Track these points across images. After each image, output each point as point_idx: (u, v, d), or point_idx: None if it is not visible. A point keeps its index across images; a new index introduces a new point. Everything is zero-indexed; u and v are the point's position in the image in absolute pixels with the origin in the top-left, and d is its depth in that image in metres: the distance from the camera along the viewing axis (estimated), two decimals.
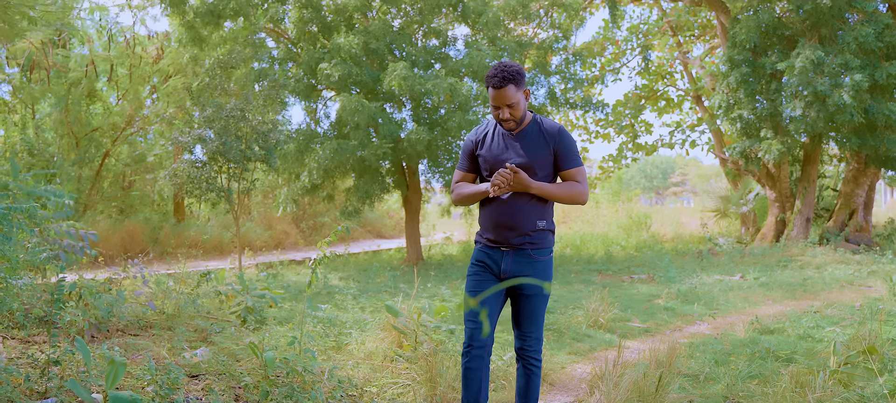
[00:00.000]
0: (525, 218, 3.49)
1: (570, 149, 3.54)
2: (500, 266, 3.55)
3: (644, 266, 13.57)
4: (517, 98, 3.45)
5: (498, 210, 3.54)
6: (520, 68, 3.46)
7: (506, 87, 3.42)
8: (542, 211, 3.53)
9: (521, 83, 3.46)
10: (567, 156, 3.54)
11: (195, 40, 14.22)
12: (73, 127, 16.33)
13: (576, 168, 3.55)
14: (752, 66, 15.64)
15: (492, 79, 3.43)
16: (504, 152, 3.56)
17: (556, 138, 3.54)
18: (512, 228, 3.50)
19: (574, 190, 3.53)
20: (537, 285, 3.52)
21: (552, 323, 7.32)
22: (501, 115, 3.49)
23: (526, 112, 3.56)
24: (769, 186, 17.43)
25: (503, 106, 3.47)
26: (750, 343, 6.36)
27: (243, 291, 6.73)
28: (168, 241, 16.40)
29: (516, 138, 3.57)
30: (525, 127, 3.58)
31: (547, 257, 3.57)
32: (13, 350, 4.66)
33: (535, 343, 3.62)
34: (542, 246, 3.54)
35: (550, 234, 3.60)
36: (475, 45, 14.44)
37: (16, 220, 3.94)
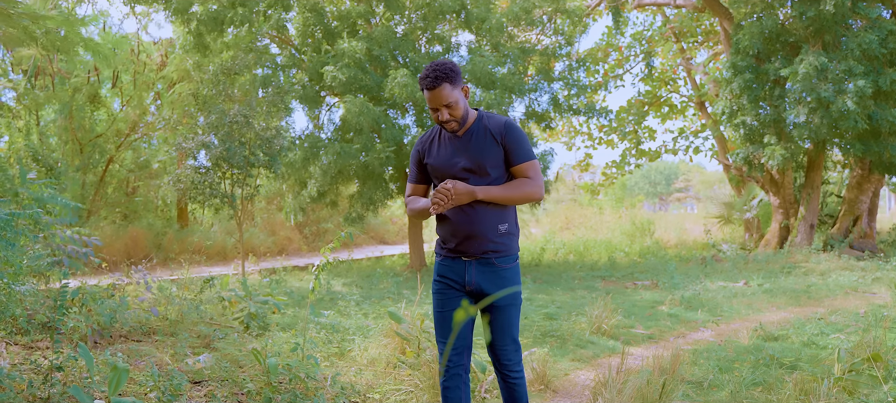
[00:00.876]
0: (485, 224, 3.28)
1: (520, 142, 3.31)
2: (464, 277, 3.34)
3: (647, 272, 13.55)
4: (454, 97, 3.24)
5: (456, 217, 3.32)
6: (453, 65, 3.27)
7: (440, 87, 3.21)
8: (502, 213, 3.32)
9: (457, 80, 3.26)
10: (516, 150, 3.30)
11: (199, 47, 14.26)
12: (77, 133, 16.37)
13: (526, 162, 3.31)
14: (755, 73, 15.63)
15: (424, 80, 3.24)
16: (452, 157, 3.35)
17: (504, 132, 3.31)
18: (472, 236, 3.28)
19: (525, 187, 3.30)
20: (507, 296, 3.31)
21: (555, 329, 7.31)
22: (440, 117, 3.28)
23: (467, 111, 3.34)
24: (773, 192, 17.40)
25: (440, 107, 3.25)
26: (754, 349, 6.34)
27: (246, 297, 6.73)
28: (171, 247, 16.42)
29: (463, 140, 3.36)
30: (470, 126, 3.37)
31: (513, 264, 3.36)
32: (16, 356, 4.66)
33: (511, 353, 3.39)
34: (506, 252, 3.33)
35: (514, 238, 3.39)
36: (478, 51, 14.44)
37: (20, 226, 3.95)
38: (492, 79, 13.68)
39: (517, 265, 3.40)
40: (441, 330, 3.43)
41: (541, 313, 8.51)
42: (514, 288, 3.33)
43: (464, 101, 3.30)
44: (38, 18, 5.46)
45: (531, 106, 15.42)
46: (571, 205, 29.90)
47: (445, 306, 3.41)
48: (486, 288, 3.30)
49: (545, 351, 5.60)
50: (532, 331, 7.19)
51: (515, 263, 3.38)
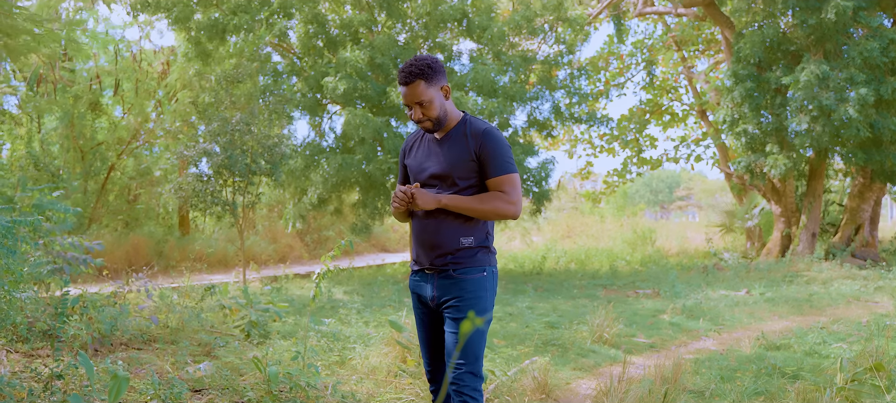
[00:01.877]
0: (446, 236, 3.06)
1: (496, 152, 3.04)
2: (427, 293, 3.15)
3: (649, 281, 13.54)
4: (430, 95, 3.03)
5: (418, 228, 3.14)
6: (433, 61, 3.07)
7: (414, 83, 3.02)
8: (466, 227, 3.07)
9: (434, 78, 3.05)
10: (491, 161, 3.04)
11: (201, 55, 14.30)
12: (79, 140, 16.38)
13: (502, 175, 3.04)
14: (756, 81, 15.63)
15: (400, 74, 3.06)
16: (425, 160, 3.18)
17: (480, 140, 3.06)
18: (433, 247, 3.08)
19: (496, 202, 3.02)
20: (464, 305, 3.02)
21: (556, 338, 7.29)
22: (414, 115, 3.08)
23: (446, 112, 3.11)
24: (775, 201, 17.38)
25: (413, 104, 3.06)
26: (756, 359, 6.32)
27: (247, 305, 6.72)
28: (173, 255, 16.42)
29: (440, 143, 3.15)
30: (451, 129, 3.14)
31: (476, 276, 3.06)
32: (16, 364, 4.65)
33: (466, 376, 3.01)
34: (468, 265, 3.06)
35: (482, 252, 3.10)
36: (480, 59, 14.46)
37: (20, 233, 3.95)
38: (493, 88, 13.70)
39: (484, 279, 3.08)
40: (422, 350, 3.33)
41: (542, 321, 8.50)
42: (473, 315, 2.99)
43: (441, 101, 3.09)
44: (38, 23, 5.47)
45: (533, 114, 15.44)
46: (573, 214, 29.90)
47: (420, 324, 3.28)
48: (444, 301, 3.09)
49: (546, 360, 5.59)
50: (533, 340, 7.17)
51: (481, 275, 3.07)
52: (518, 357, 6.20)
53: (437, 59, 3.10)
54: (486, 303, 3.07)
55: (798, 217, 17.25)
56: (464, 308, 3.02)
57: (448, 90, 3.10)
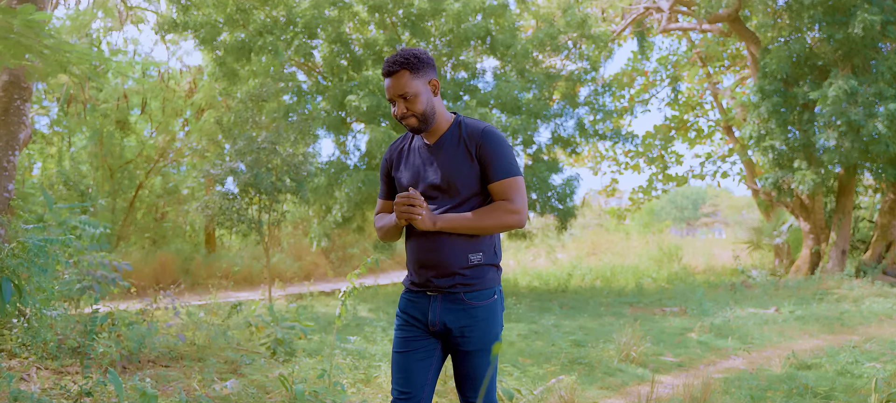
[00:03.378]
0: (453, 253, 2.74)
1: (498, 153, 2.73)
2: (427, 316, 2.80)
3: (676, 298, 13.39)
4: (414, 88, 2.73)
5: (418, 244, 2.81)
6: (420, 52, 2.79)
7: (397, 73, 2.73)
8: (475, 241, 2.76)
9: (421, 70, 2.76)
10: (494, 163, 2.72)
11: (227, 74, 14.48)
12: (108, 159, 16.62)
13: (505, 179, 2.71)
14: (783, 96, 15.48)
15: (383, 66, 2.78)
16: (419, 171, 2.84)
17: (480, 142, 2.74)
18: (436, 266, 2.75)
19: (499, 215, 2.71)
20: (478, 336, 2.76)
21: (583, 356, 7.23)
22: (397, 111, 2.77)
23: (433, 108, 2.79)
24: (803, 218, 17.16)
25: (397, 97, 2.76)
26: (787, 378, 6.21)
27: (273, 323, 6.75)
28: (199, 272, 16.55)
29: (434, 150, 2.82)
30: (444, 133, 2.83)
31: (487, 301, 2.78)
32: (46, 381, 4.70)
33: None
34: (478, 286, 2.76)
35: (492, 270, 2.82)
36: (504, 76, 14.48)
37: (51, 252, 4.00)
38: (517, 105, 13.70)
39: (495, 303, 2.81)
40: (395, 375, 2.87)
41: (568, 340, 8.43)
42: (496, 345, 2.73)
43: (428, 97, 2.78)
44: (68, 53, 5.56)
45: (557, 131, 15.41)
46: (598, 231, 29.72)
47: (403, 346, 2.86)
48: (452, 328, 2.77)
49: (573, 379, 5.54)
50: (559, 358, 7.12)
51: (492, 300, 2.80)
52: (544, 376, 6.16)
53: (427, 52, 2.83)
54: (497, 329, 2.82)
55: (827, 234, 17.00)
56: (476, 340, 2.75)
57: (437, 85, 2.81)
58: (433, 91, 2.81)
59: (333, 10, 14.46)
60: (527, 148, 15.16)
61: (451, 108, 13.13)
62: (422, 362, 2.82)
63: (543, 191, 14.25)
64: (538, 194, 14.35)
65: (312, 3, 14.05)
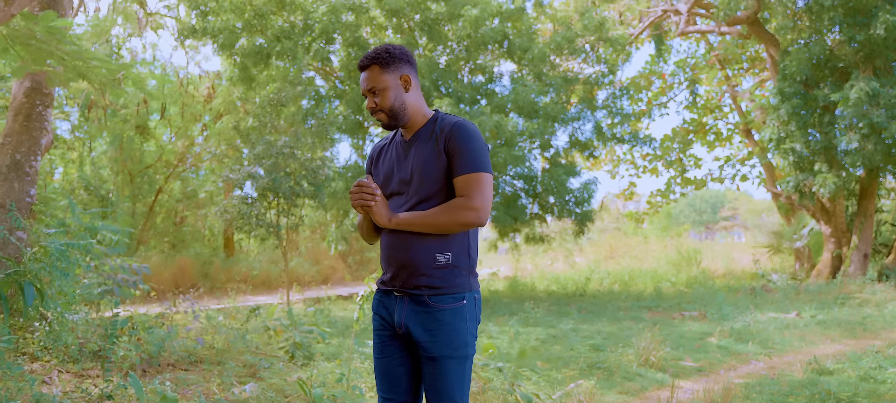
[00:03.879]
0: (419, 252, 2.60)
1: (464, 146, 2.57)
2: (394, 317, 2.68)
3: (695, 302, 13.29)
4: (383, 82, 2.65)
5: (385, 241, 2.71)
6: (394, 47, 2.72)
7: (369, 68, 2.68)
8: (443, 241, 2.60)
9: (391, 65, 2.68)
10: (459, 156, 2.58)
11: (245, 79, 14.57)
12: (128, 164, 16.76)
13: (466, 174, 2.56)
14: (803, 99, 15.35)
15: (360, 61, 2.73)
16: (394, 165, 2.76)
17: (449, 133, 2.62)
18: (402, 266, 2.63)
19: (453, 211, 2.55)
20: (440, 343, 2.57)
21: (602, 361, 7.19)
22: (368, 105, 2.72)
23: (403, 103, 2.69)
24: (824, 221, 16.99)
25: (367, 92, 2.70)
26: (808, 384, 6.14)
27: (291, 327, 6.77)
28: (218, 276, 16.64)
29: (408, 145, 2.74)
30: (419, 129, 2.73)
31: (454, 305, 2.59)
32: (68, 384, 4.74)
33: None
34: (445, 290, 2.59)
35: (461, 273, 2.63)
36: (521, 80, 14.46)
37: (73, 256, 4.04)
38: (534, 108, 13.68)
39: (464, 307, 2.61)
40: (377, 380, 2.79)
41: (586, 344, 8.39)
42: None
43: (398, 92, 2.69)
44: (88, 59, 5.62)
45: (574, 135, 15.37)
46: (616, 235, 29.59)
47: (379, 352, 2.76)
48: (415, 332, 2.61)
49: (592, 384, 5.51)
50: (578, 363, 7.08)
51: (460, 304, 2.60)
52: (563, 381, 6.13)
53: (404, 47, 2.75)
54: (466, 337, 2.60)
55: (849, 237, 16.83)
56: (440, 345, 2.57)
57: (408, 80, 2.71)
58: (404, 86, 2.70)
59: (351, 15, 14.51)
60: (544, 151, 15.14)
61: (466, 112, 13.12)
62: (400, 367, 2.72)
63: (561, 194, 14.21)
64: (556, 198, 14.31)
65: (330, 8, 14.12)
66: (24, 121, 7.20)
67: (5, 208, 6.81)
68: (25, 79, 7.32)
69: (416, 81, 2.75)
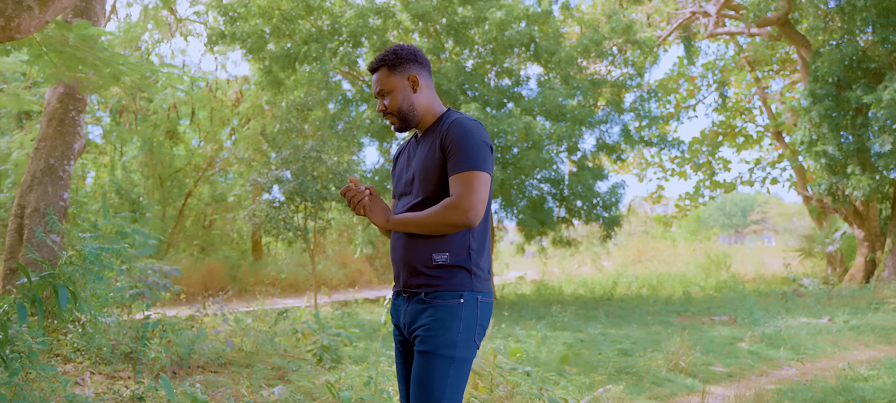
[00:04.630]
0: (415, 252, 2.56)
1: (458, 145, 2.49)
2: (400, 319, 2.65)
3: (725, 307, 13.14)
4: (390, 84, 2.63)
5: (391, 243, 2.69)
6: (401, 49, 2.68)
7: (379, 70, 2.66)
8: (440, 241, 2.53)
9: (399, 67, 2.64)
10: (452, 155, 2.50)
11: (273, 84, 14.68)
12: (158, 168, 16.97)
13: (458, 173, 2.47)
14: (835, 100, 15.12)
15: (370, 63, 2.70)
16: (405, 166, 2.75)
17: (444, 133, 2.54)
18: (403, 265, 2.59)
19: (442, 210, 2.47)
20: (430, 336, 2.48)
21: (630, 365, 7.13)
22: (378, 107, 2.70)
23: (411, 105, 2.65)
24: (857, 225, 16.72)
25: (377, 94, 2.68)
26: (842, 390, 6.04)
27: (319, 330, 6.79)
28: (246, 279, 16.77)
29: (418, 145, 2.70)
30: (429, 127, 2.69)
31: (452, 302, 2.50)
32: (100, 386, 4.79)
33: None
34: (442, 287, 2.51)
35: (462, 273, 2.53)
36: (548, 83, 14.41)
37: (106, 260, 4.09)
38: (561, 112, 13.62)
39: (460, 306, 2.51)
40: (399, 384, 2.76)
41: (615, 348, 8.33)
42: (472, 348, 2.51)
43: (406, 94, 2.66)
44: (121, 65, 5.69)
45: (602, 138, 15.28)
46: (643, 238, 29.37)
47: (397, 356, 2.73)
48: (413, 325, 2.57)
49: (620, 389, 5.46)
50: (606, 368, 7.03)
51: (456, 302, 2.51)
52: (591, 386, 6.08)
53: (412, 48, 2.70)
54: (457, 337, 2.48)
55: (882, 241, 16.54)
56: (427, 340, 2.48)
57: (416, 81, 2.66)
58: (412, 87, 2.66)
59: (378, 19, 14.57)
60: (571, 155, 15.07)
61: (492, 116, 13.09)
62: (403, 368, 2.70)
63: (588, 198, 14.14)
64: (583, 201, 14.24)
65: (357, 12, 14.19)
66: (57, 127, 7.32)
67: (40, 212, 6.93)
68: (59, 85, 7.44)
69: (427, 81, 2.71)
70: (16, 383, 3.87)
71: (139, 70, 5.90)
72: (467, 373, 2.53)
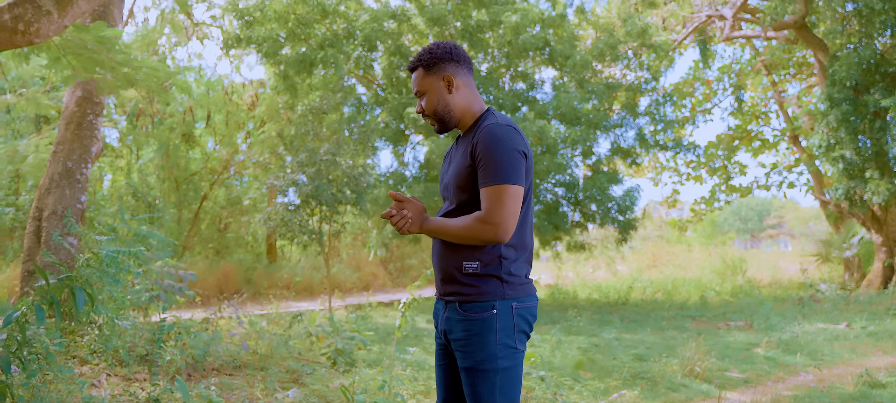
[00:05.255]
0: (447, 260, 2.53)
1: (487, 155, 2.42)
2: (440, 323, 2.64)
3: (741, 312, 13.05)
4: (425, 85, 2.59)
5: (432, 247, 2.66)
6: (436, 47, 2.62)
7: (416, 71, 2.62)
8: (472, 249, 2.48)
9: (434, 67, 2.58)
10: (482, 166, 2.43)
11: (288, 88, 14.74)
12: (174, 171, 17.08)
13: (488, 187, 2.40)
14: (853, 104, 14.99)
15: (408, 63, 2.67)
16: (445, 170, 2.71)
17: (476, 139, 2.47)
18: (439, 271, 2.58)
19: (472, 224, 2.42)
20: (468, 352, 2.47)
21: (646, 371, 7.09)
22: (416, 108, 2.67)
23: (446, 105, 2.60)
24: (875, 230, 16.56)
25: (416, 95, 2.64)
26: (860, 397, 5.98)
27: (333, 333, 6.80)
28: (261, 282, 16.83)
29: (456, 148, 2.66)
30: (467, 128, 2.64)
31: (482, 314, 2.45)
32: (116, 387, 4.83)
33: None
34: (474, 297, 2.46)
35: (493, 282, 2.47)
36: (563, 87, 14.39)
37: (123, 263, 4.12)
38: (576, 115, 13.59)
39: (494, 317, 2.46)
40: (437, 386, 2.76)
41: (630, 353, 8.29)
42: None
43: (441, 94, 2.60)
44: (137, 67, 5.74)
45: (617, 142, 15.23)
46: (658, 243, 29.25)
47: (437, 359, 2.73)
48: (450, 336, 2.56)
49: (635, 394, 5.44)
50: (621, 373, 7.00)
51: (490, 314, 2.45)
52: (606, 391, 6.06)
53: (448, 46, 2.63)
54: (495, 349, 2.44)
55: None
56: (467, 356, 2.47)
57: (451, 80, 2.59)
58: (447, 88, 2.60)
59: (393, 23, 14.61)
60: (586, 159, 15.03)
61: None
62: (451, 374, 2.67)
63: (603, 202, 14.09)
64: (598, 205, 14.20)
65: (372, 17, 14.23)
66: (75, 130, 7.38)
67: (58, 214, 6.99)
68: (77, 88, 7.50)
69: (465, 80, 2.64)
70: (33, 384, 3.91)
71: (156, 74, 5.95)
72: (517, 376, 2.50)
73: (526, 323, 2.54)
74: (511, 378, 2.48)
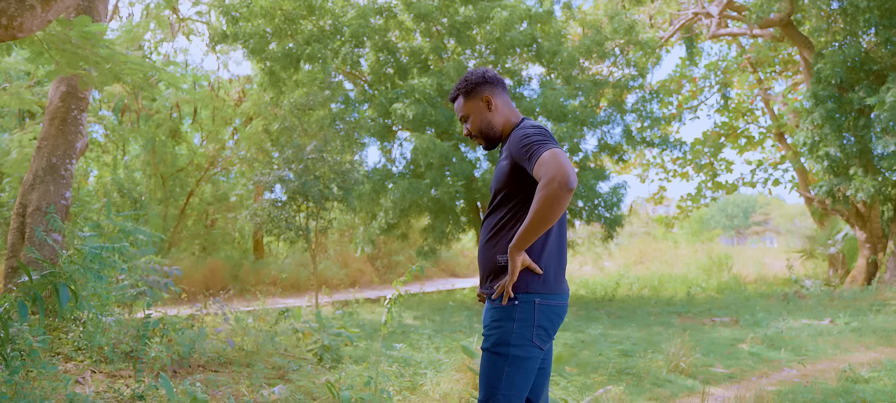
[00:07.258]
0: (484, 256, 2.79)
1: (520, 148, 2.62)
2: None
3: (726, 308, 13.14)
4: (468, 109, 2.90)
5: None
6: (471, 75, 2.92)
7: (457, 99, 2.95)
8: (500, 244, 2.71)
9: (473, 92, 2.89)
10: (522, 160, 2.62)
11: (275, 84, 14.68)
12: (160, 167, 16.98)
13: (534, 165, 2.54)
14: (838, 102, 15.10)
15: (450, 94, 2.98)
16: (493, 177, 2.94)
17: (508, 148, 2.74)
18: (481, 270, 2.84)
19: (537, 199, 2.48)
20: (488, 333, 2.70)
21: (631, 367, 7.12)
22: (465, 131, 2.98)
23: (488, 123, 2.89)
24: (859, 226, 16.70)
25: (461, 120, 2.96)
26: (843, 392, 6.03)
27: (320, 329, 6.80)
28: (247, 278, 16.78)
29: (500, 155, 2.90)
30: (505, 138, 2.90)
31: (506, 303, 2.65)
32: (100, 384, 4.80)
33: None
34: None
35: (522, 274, 2.65)
36: (550, 84, 14.40)
37: (108, 259, 4.10)
38: (563, 112, 13.61)
39: (515, 307, 2.64)
40: None
41: (615, 349, 8.33)
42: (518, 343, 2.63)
43: (483, 115, 2.90)
44: (122, 62, 5.70)
45: (603, 138, 15.27)
46: (645, 239, 29.36)
47: None
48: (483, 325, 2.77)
49: (621, 390, 5.46)
50: (607, 368, 7.03)
51: (511, 303, 2.64)
52: (591, 386, 6.08)
53: (481, 72, 2.93)
54: (510, 336, 2.62)
55: (884, 243, 16.51)
56: (488, 337, 2.69)
57: (489, 101, 2.88)
58: (487, 106, 2.90)
59: (379, 19, 14.58)
60: (573, 155, 15.07)
61: None
62: None
63: (590, 198, 14.13)
64: (584, 202, 14.23)
65: (359, 13, 14.19)
66: (59, 125, 7.33)
67: (42, 210, 6.93)
68: (61, 83, 7.44)
69: (502, 97, 2.93)
70: (17, 381, 3.88)
71: (140, 69, 5.91)
72: (527, 372, 2.65)
73: (548, 321, 2.69)
74: (519, 371, 2.64)
